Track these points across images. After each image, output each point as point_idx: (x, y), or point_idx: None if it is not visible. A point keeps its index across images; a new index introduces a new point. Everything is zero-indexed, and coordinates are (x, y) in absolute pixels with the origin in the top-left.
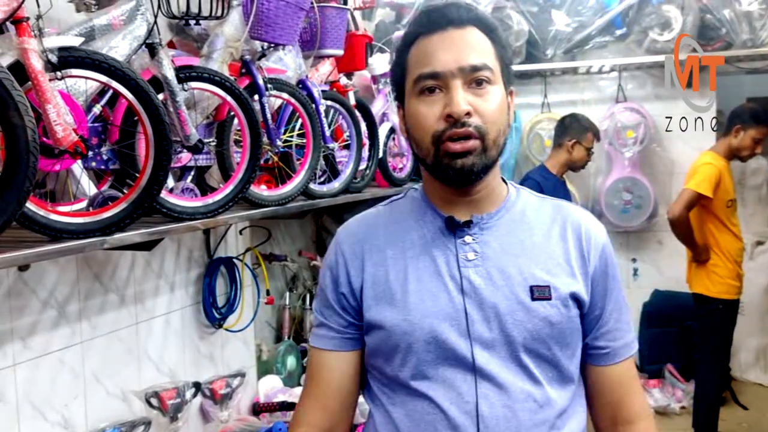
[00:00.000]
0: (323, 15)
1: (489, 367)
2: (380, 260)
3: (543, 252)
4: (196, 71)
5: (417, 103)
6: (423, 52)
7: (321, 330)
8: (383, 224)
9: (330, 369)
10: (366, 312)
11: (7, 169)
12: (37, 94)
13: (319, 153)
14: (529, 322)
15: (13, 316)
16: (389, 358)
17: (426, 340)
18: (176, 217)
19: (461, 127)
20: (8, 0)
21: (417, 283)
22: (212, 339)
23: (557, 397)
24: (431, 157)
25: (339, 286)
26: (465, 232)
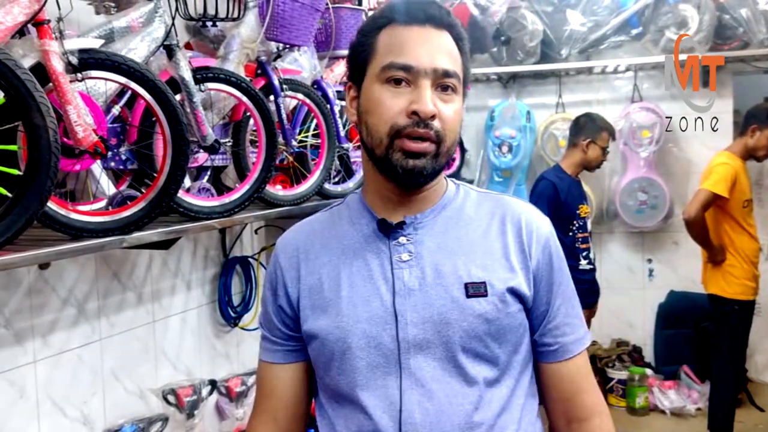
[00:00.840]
0: (338, 16)
1: (421, 372)
2: (315, 268)
3: (480, 248)
4: (212, 72)
5: (380, 90)
6: (398, 40)
7: (265, 343)
8: (319, 231)
9: (277, 382)
10: (303, 323)
11: (29, 169)
12: (58, 96)
13: (333, 153)
14: (464, 320)
15: (33, 314)
16: (327, 368)
17: (359, 346)
18: (193, 216)
19: (423, 127)
20: (29, 3)
21: (350, 289)
22: (228, 337)
23: (496, 397)
24: (382, 148)
25: (277, 298)
26: (399, 233)
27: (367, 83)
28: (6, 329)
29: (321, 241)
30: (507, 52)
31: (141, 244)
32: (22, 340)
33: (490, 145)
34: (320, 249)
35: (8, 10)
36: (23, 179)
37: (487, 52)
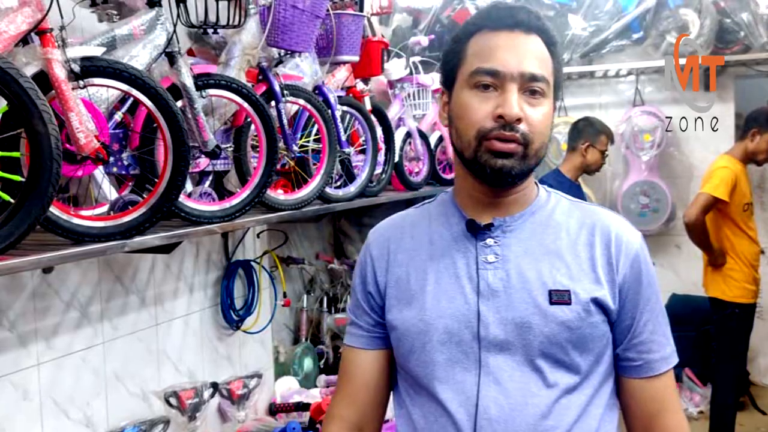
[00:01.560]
0: (339, 22)
1: (500, 371)
2: (404, 261)
3: (566, 257)
4: (213, 79)
5: (469, 95)
6: (486, 46)
7: (352, 328)
8: (410, 225)
9: (360, 366)
10: (387, 312)
11: (31, 175)
12: (60, 103)
13: (334, 158)
14: (546, 326)
15: (37, 317)
16: (407, 359)
17: (440, 340)
18: (194, 220)
19: (509, 130)
20: (32, 12)
21: (435, 284)
22: (230, 340)
23: (573, 403)
24: (471, 150)
25: (367, 285)
26: (487, 234)
27: (457, 89)
28: (10, 332)
29: (411, 235)
30: None
31: (143, 249)
32: (26, 343)
33: None
34: (410, 242)
35: (12, 19)
36: (26, 185)
37: None
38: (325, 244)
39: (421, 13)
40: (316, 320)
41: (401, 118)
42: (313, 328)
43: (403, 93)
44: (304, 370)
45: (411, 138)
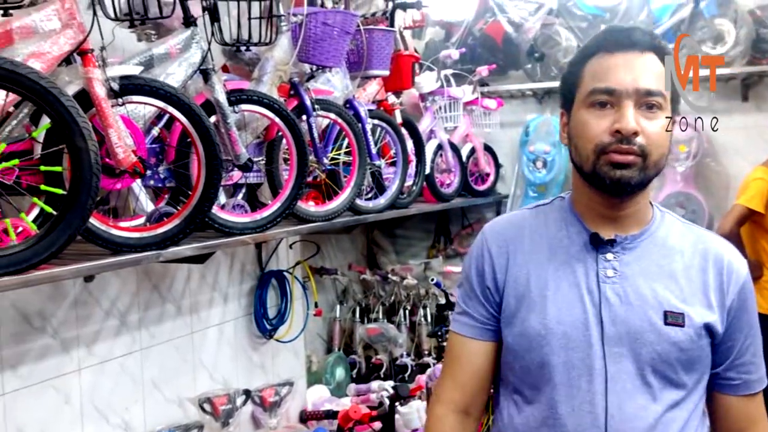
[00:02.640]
0: (370, 37)
1: (612, 382)
2: (523, 262)
3: (681, 280)
4: (246, 94)
5: (586, 114)
6: (602, 67)
7: (462, 317)
8: (528, 228)
9: (468, 354)
10: (505, 310)
11: (72, 188)
12: (100, 119)
13: (364, 170)
14: (659, 344)
15: (79, 324)
16: (521, 358)
17: (558, 345)
18: (227, 232)
19: (626, 144)
20: (74, 33)
21: (555, 291)
22: (263, 349)
23: (678, 417)
24: (590, 164)
25: (484, 279)
26: (607, 249)
27: (576, 109)
28: (53, 338)
29: (530, 237)
30: (541, 69)
31: (177, 259)
32: (68, 349)
33: (525, 160)
34: (529, 245)
35: (55, 41)
36: (67, 198)
37: (521, 68)
38: (358, 255)
39: (454, 27)
40: (348, 330)
41: (432, 131)
42: (345, 337)
43: (434, 106)
44: (335, 379)
45: (442, 150)
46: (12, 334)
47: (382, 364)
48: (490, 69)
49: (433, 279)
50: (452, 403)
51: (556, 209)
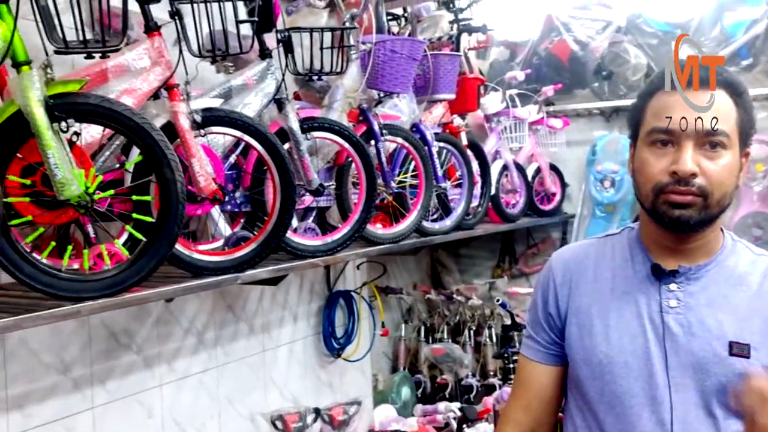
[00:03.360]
0: (436, 62)
1: (675, 411)
2: (586, 291)
3: (749, 310)
4: (318, 122)
5: (647, 152)
6: (663, 105)
7: (529, 341)
8: (594, 257)
9: (535, 378)
10: (567, 337)
11: (160, 217)
12: (184, 150)
13: (431, 193)
14: (724, 375)
15: (160, 342)
16: (583, 385)
17: (620, 374)
18: (299, 254)
19: (684, 185)
20: (162, 70)
21: (618, 320)
22: (331, 368)
23: None
24: (649, 202)
25: (547, 306)
26: (671, 279)
27: (639, 144)
28: (137, 355)
29: (594, 267)
30: (609, 87)
31: (253, 281)
32: (150, 366)
33: (592, 179)
34: (593, 275)
35: (145, 78)
36: (155, 225)
37: (588, 87)
38: (422, 275)
39: (519, 46)
40: (414, 349)
41: (498, 151)
42: (410, 357)
43: (499, 126)
44: (401, 398)
45: (507, 171)
46: (101, 351)
47: (447, 384)
48: (556, 89)
49: (498, 299)
50: (519, 424)
51: (623, 239)
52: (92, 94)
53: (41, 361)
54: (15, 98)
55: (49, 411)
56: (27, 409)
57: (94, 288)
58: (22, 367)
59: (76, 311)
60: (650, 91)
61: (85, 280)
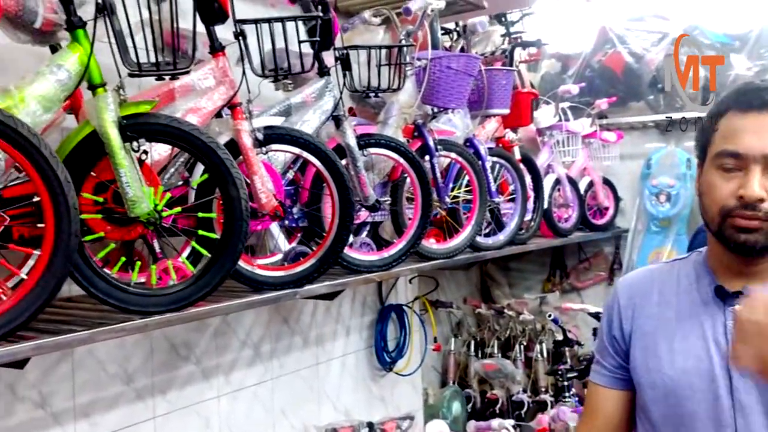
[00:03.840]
0: (490, 77)
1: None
2: (651, 314)
3: None
4: (374, 138)
5: (714, 175)
6: (732, 128)
7: (597, 366)
8: (659, 281)
9: (603, 403)
10: (632, 360)
11: (225, 233)
12: (246, 167)
13: (485, 208)
14: None
15: (218, 354)
16: (650, 408)
17: (685, 396)
18: (355, 269)
19: (751, 210)
20: (226, 90)
21: (682, 343)
22: (383, 381)
23: None
24: (715, 225)
25: (612, 329)
26: (735, 301)
27: (706, 166)
28: (196, 366)
29: (659, 291)
30: (664, 99)
31: (311, 296)
32: (208, 377)
33: (647, 193)
34: (658, 298)
35: (210, 97)
36: (220, 242)
37: (643, 99)
38: (472, 288)
39: (571, 59)
40: (463, 364)
41: (550, 165)
42: (460, 371)
43: (551, 140)
44: (452, 413)
45: (560, 185)
46: (162, 362)
47: (498, 400)
48: (610, 102)
49: (550, 315)
50: None
51: (690, 263)
52: (162, 114)
53: (107, 371)
54: (90, 119)
55: (113, 420)
56: (93, 418)
57: (161, 303)
58: (88, 377)
59: (143, 325)
60: (719, 112)
61: (152, 295)
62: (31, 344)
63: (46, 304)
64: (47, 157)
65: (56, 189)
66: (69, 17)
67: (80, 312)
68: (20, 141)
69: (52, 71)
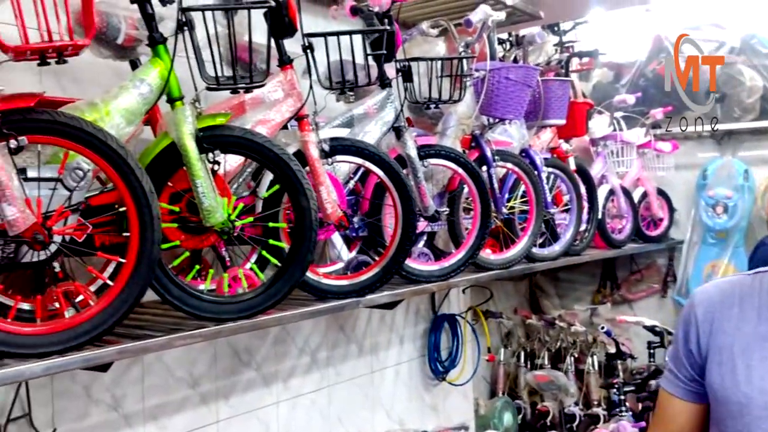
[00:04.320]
0: (546, 87)
1: None
2: (729, 329)
3: None
4: (434, 149)
5: None
6: None
7: (670, 375)
8: (739, 296)
9: (675, 413)
10: (708, 374)
11: (294, 243)
12: (313, 178)
13: (541, 218)
14: None
15: (277, 361)
16: (723, 425)
17: (760, 416)
18: (414, 279)
19: None
20: (294, 102)
21: (761, 361)
22: (436, 391)
23: None
24: None
25: (688, 342)
26: None
27: None
28: (257, 372)
29: (740, 304)
30: (721, 109)
31: (373, 305)
32: (268, 383)
33: (703, 204)
34: (738, 314)
35: (278, 109)
36: (290, 252)
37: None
38: (521, 298)
39: (624, 68)
40: (513, 374)
41: (604, 176)
42: (510, 382)
43: (605, 150)
44: (504, 424)
45: (614, 195)
46: (225, 368)
47: (549, 412)
48: (665, 111)
49: (603, 327)
50: None
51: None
52: (236, 126)
53: (174, 375)
54: (169, 131)
55: (180, 423)
56: (161, 421)
57: (233, 310)
58: (157, 381)
59: (217, 332)
60: None
61: (225, 302)
62: (115, 348)
63: (131, 309)
64: (134, 168)
65: (142, 199)
66: (151, 33)
67: (152, 318)
68: (109, 153)
69: (135, 85)
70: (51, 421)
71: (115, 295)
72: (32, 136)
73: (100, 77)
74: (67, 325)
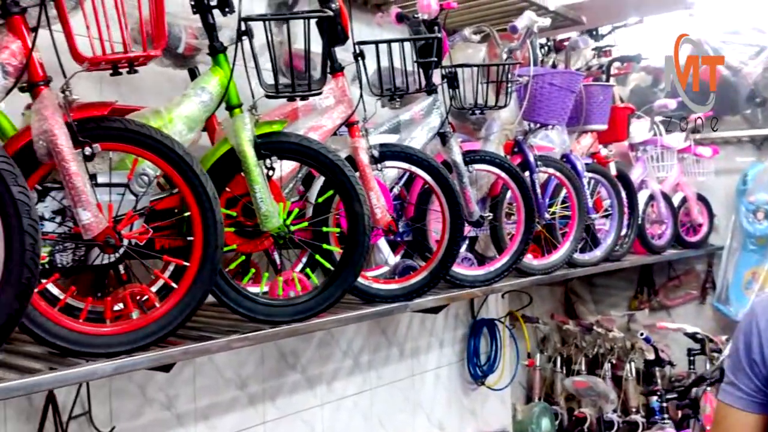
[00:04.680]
0: (588, 92)
1: None
2: None
3: None
4: (479, 155)
5: None
6: None
7: (730, 388)
8: None
9: (738, 425)
10: None
11: (347, 248)
12: (363, 183)
13: (583, 223)
14: None
15: (321, 363)
16: None
17: None
18: (458, 284)
19: None
20: (345, 108)
21: None
22: (474, 395)
23: None
24: None
25: (751, 352)
26: None
27: None
28: (302, 375)
29: None
30: (762, 114)
31: (420, 309)
32: (312, 386)
33: (743, 210)
34: None
35: (330, 115)
36: (343, 256)
37: (739, 113)
38: (556, 303)
39: (662, 72)
40: (549, 380)
41: (643, 181)
42: (546, 387)
43: (645, 155)
44: (541, 430)
45: (653, 200)
46: (272, 370)
47: (586, 418)
48: (706, 116)
49: (641, 333)
50: None
51: None
52: (292, 133)
53: (223, 376)
54: (228, 138)
55: (229, 423)
56: (211, 421)
57: (287, 313)
58: (208, 382)
59: (274, 334)
60: None
61: (279, 305)
62: (180, 349)
63: (194, 311)
64: (198, 174)
65: (206, 204)
66: (212, 42)
67: (206, 320)
68: (176, 159)
69: (197, 93)
70: (109, 419)
71: (179, 297)
72: (105, 143)
73: (157, 85)
74: (135, 325)
